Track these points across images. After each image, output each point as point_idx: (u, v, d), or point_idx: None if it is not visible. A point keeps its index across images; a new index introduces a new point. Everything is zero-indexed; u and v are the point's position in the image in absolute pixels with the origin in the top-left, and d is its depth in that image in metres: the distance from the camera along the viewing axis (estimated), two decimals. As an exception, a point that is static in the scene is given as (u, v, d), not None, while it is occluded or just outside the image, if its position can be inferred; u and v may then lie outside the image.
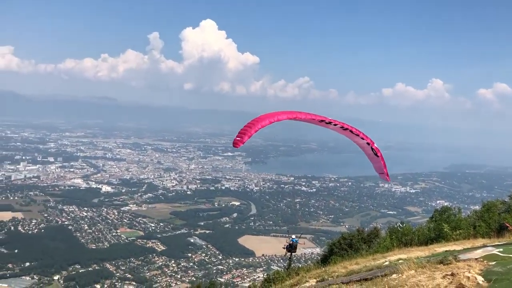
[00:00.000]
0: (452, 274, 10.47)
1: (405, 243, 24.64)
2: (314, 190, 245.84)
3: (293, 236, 27.45)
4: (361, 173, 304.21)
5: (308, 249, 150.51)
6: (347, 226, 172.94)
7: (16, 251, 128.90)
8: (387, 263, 17.42)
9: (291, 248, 27.19)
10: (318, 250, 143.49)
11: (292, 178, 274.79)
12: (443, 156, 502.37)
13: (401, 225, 28.88)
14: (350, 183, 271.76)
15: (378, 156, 23.52)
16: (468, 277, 10.11)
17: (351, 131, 22.43)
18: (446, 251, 17.98)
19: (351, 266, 19.07)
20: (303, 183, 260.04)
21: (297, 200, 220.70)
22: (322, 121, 21.86)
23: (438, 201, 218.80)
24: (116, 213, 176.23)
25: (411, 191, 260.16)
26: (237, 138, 19.87)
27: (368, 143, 23.10)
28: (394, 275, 12.27)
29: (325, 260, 29.96)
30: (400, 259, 17.52)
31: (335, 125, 22.01)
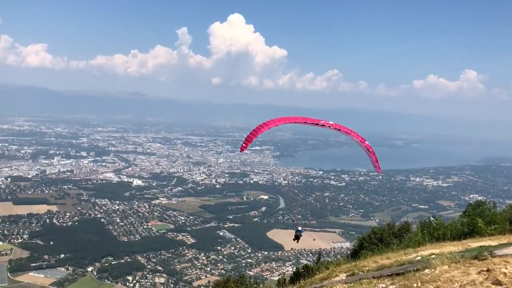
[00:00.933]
0: (488, 270, 10.16)
1: (437, 238, 24.16)
2: (344, 184, 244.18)
3: (299, 228, 30.31)
4: (391, 167, 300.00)
5: (338, 243, 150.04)
6: (377, 221, 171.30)
7: (51, 243, 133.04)
8: (419, 258, 17.14)
9: (296, 237, 30.54)
10: (347, 244, 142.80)
11: (321, 172, 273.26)
12: (477, 149, 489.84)
13: (433, 219, 28.31)
14: (380, 177, 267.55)
15: (370, 152, 26.36)
16: (505, 273, 9.79)
17: (345, 132, 25.53)
18: (480, 246, 17.54)
19: (382, 260, 18.79)
20: (332, 177, 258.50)
21: (326, 194, 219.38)
22: (316, 124, 24.96)
23: (471, 195, 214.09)
24: (147, 206, 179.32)
25: (443, 185, 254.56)
26: (243, 145, 24.58)
27: (361, 141, 26.06)
28: (426, 270, 12.03)
29: (355, 254, 29.65)
30: (433, 254, 17.20)
31: (329, 127, 24.89)
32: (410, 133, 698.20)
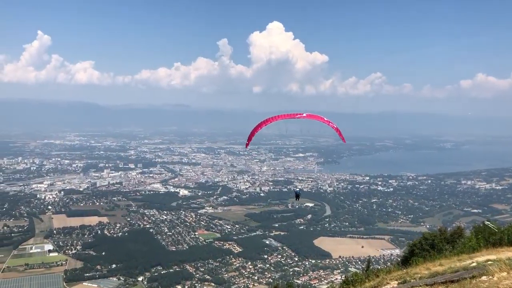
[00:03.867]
0: (552, 277, 9.54)
1: (493, 243, 23.01)
2: (391, 189, 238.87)
3: (297, 189, 41.48)
4: (441, 170, 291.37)
5: (387, 250, 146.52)
6: (428, 226, 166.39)
7: (103, 253, 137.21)
8: (474, 264, 16.40)
9: (296, 196, 43.36)
10: (397, 251, 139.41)
11: (367, 178, 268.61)
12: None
13: (488, 223, 27.03)
14: (429, 181, 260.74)
15: (335, 129, 33.65)
16: None
17: (315, 118, 32.78)
18: (542, 251, 16.56)
19: (434, 267, 18.11)
20: (379, 183, 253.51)
21: (374, 200, 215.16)
22: (293, 117, 32.98)
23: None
24: (194, 216, 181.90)
25: (497, 187, 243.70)
26: (247, 142, 36.85)
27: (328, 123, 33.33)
28: (483, 277, 11.47)
29: (405, 261, 28.74)
30: (489, 260, 16.41)
31: (304, 117, 32.93)
32: (458, 135, 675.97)
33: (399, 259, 38.14)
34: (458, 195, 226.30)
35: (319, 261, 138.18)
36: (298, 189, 40.59)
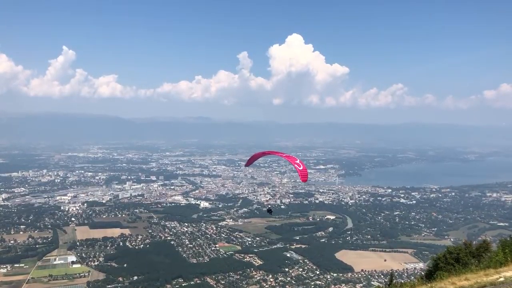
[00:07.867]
0: None
1: (522, 258, 22.35)
2: (414, 202, 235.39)
3: (269, 206, 46.03)
4: (465, 182, 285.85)
5: (411, 264, 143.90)
6: (452, 239, 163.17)
7: (125, 265, 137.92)
8: (502, 279, 15.99)
9: (269, 211, 55.48)
10: (421, 265, 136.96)
11: (390, 190, 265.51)
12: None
13: (515, 237, 26.26)
14: (453, 193, 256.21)
15: (298, 168, 36.60)
16: None
17: (286, 158, 38.95)
18: None
19: (460, 282, 17.71)
20: (402, 195, 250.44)
21: (396, 212, 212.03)
22: (275, 154, 41.57)
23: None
24: (214, 228, 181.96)
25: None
26: (247, 163, 46.01)
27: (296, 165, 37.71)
28: (511, 293, 11.12)
29: (430, 275, 28.13)
30: (517, 275, 15.95)
31: (280, 155, 40.32)
32: (483, 146, 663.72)
33: (423, 273, 37.42)
34: (483, 208, 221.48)
35: (341, 274, 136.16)
36: (269, 206, 46.96)
